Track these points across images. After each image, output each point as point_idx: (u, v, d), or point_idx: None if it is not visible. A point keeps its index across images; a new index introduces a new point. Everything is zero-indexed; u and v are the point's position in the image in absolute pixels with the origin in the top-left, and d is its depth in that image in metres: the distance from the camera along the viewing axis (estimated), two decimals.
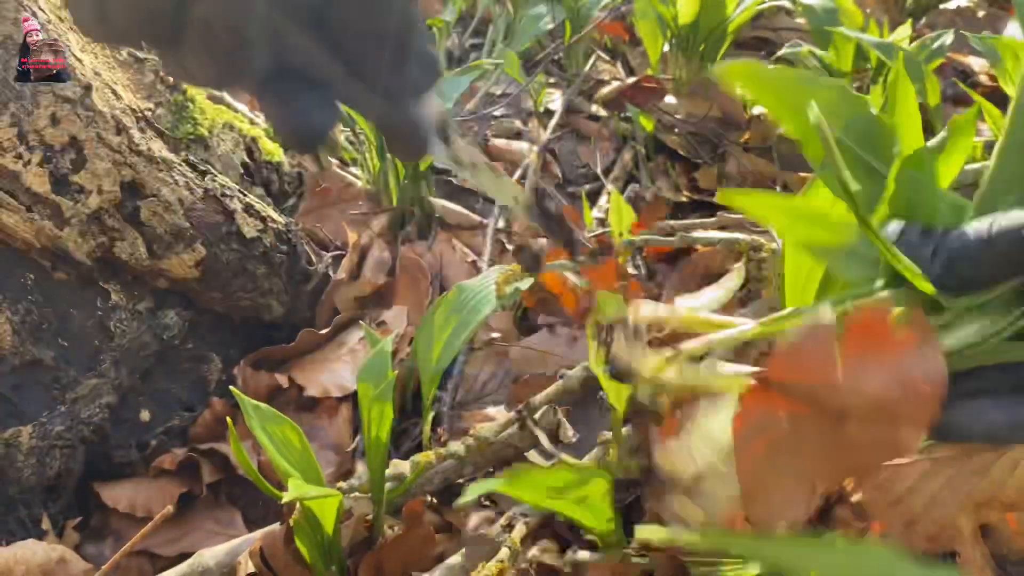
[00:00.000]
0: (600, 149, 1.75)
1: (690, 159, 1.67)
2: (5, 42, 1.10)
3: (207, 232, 1.20)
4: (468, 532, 0.90)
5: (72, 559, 0.96)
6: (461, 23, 2.43)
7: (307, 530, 0.80)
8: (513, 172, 1.67)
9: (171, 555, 1.02)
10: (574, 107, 1.92)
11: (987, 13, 2.28)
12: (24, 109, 1.10)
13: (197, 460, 1.13)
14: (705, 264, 1.27)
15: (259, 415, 0.81)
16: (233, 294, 1.23)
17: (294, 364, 1.27)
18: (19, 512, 1.05)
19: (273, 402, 1.22)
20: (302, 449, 0.82)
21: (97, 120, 1.13)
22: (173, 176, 1.19)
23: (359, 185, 1.65)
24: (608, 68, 2.14)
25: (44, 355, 1.10)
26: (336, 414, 1.17)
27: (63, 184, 1.10)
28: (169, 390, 1.20)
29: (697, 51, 1.85)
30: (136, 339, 1.16)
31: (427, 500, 0.95)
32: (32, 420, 1.07)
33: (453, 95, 1.51)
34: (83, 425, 1.08)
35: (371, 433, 0.84)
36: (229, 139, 1.49)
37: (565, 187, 1.67)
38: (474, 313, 1.02)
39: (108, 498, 1.09)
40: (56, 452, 1.06)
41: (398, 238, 1.53)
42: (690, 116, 1.78)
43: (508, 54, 1.76)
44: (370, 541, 0.88)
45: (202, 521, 1.08)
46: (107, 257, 1.14)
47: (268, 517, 1.09)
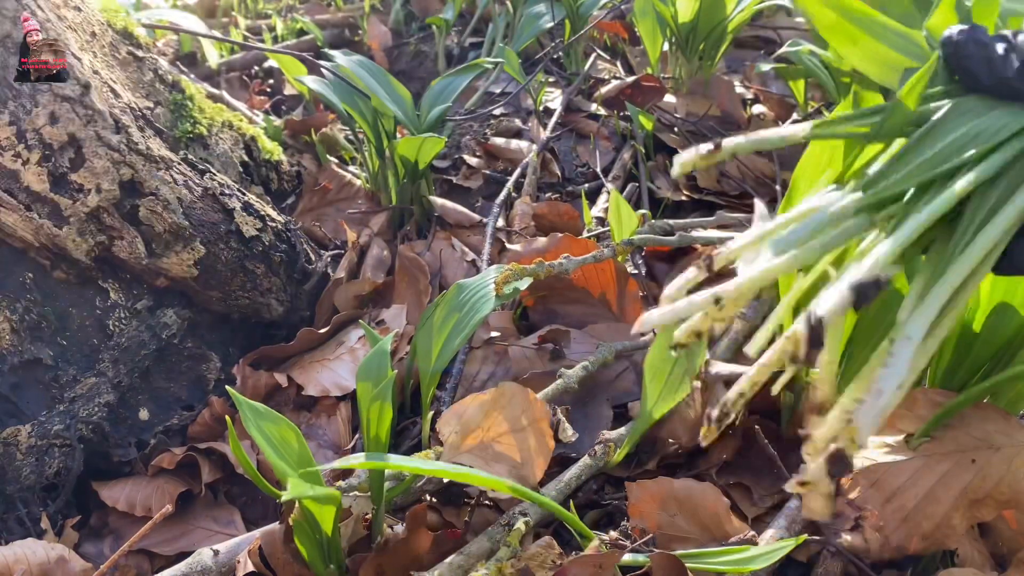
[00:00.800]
0: (600, 148, 1.75)
1: None
2: (4, 40, 1.10)
3: (206, 231, 1.20)
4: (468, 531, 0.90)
5: (71, 558, 0.96)
6: (461, 21, 2.43)
7: (306, 529, 0.80)
8: (513, 171, 1.67)
9: (170, 554, 1.02)
10: (574, 106, 1.92)
11: None
12: (23, 107, 1.10)
13: (196, 459, 1.13)
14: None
15: (256, 415, 0.81)
16: (232, 293, 1.23)
17: (293, 363, 1.27)
18: (18, 511, 1.05)
19: (272, 401, 1.22)
20: (300, 449, 0.82)
21: (96, 119, 1.13)
22: (172, 175, 1.19)
23: (358, 184, 1.65)
24: (608, 67, 2.14)
25: (43, 354, 1.10)
26: (335, 413, 1.17)
27: (62, 182, 1.10)
28: (168, 389, 1.20)
29: (696, 50, 1.85)
30: (135, 338, 1.16)
31: (427, 500, 0.95)
32: (31, 419, 1.07)
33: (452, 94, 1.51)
34: (82, 424, 1.08)
35: (370, 432, 0.84)
36: (228, 138, 1.49)
37: (565, 186, 1.66)
38: (473, 312, 1.02)
39: (107, 497, 1.08)
40: (55, 451, 1.06)
41: (397, 237, 1.53)
42: (689, 115, 1.78)
43: (508, 53, 1.76)
44: (369, 540, 0.88)
45: (201, 520, 1.08)
46: (106, 256, 1.14)
47: (267, 516, 1.09)
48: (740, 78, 2.04)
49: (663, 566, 0.75)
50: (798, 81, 1.70)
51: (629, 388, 1.10)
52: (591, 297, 1.25)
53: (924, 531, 0.72)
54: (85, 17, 1.28)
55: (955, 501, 0.71)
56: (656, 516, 0.84)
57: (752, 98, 1.93)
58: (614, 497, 0.94)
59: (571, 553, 0.81)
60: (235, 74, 2.26)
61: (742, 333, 1.08)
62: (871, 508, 0.75)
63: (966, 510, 0.71)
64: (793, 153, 1.65)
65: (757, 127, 1.71)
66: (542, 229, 1.46)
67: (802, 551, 0.80)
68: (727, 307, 0.51)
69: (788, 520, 0.80)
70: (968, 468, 0.71)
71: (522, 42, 2.02)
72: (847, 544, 0.76)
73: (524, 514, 0.85)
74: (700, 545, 0.81)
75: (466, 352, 1.19)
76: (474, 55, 2.27)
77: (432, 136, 1.35)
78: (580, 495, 0.95)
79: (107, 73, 1.24)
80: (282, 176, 1.62)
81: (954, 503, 0.71)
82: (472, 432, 0.91)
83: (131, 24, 1.44)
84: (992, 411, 0.73)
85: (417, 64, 2.29)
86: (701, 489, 0.85)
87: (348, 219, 1.57)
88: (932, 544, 0.72)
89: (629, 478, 0.94)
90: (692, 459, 0.97)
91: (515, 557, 0.79)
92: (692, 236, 1.29)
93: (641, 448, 0.99)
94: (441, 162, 1.77)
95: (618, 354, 1.11)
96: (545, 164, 1.71)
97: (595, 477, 0.96)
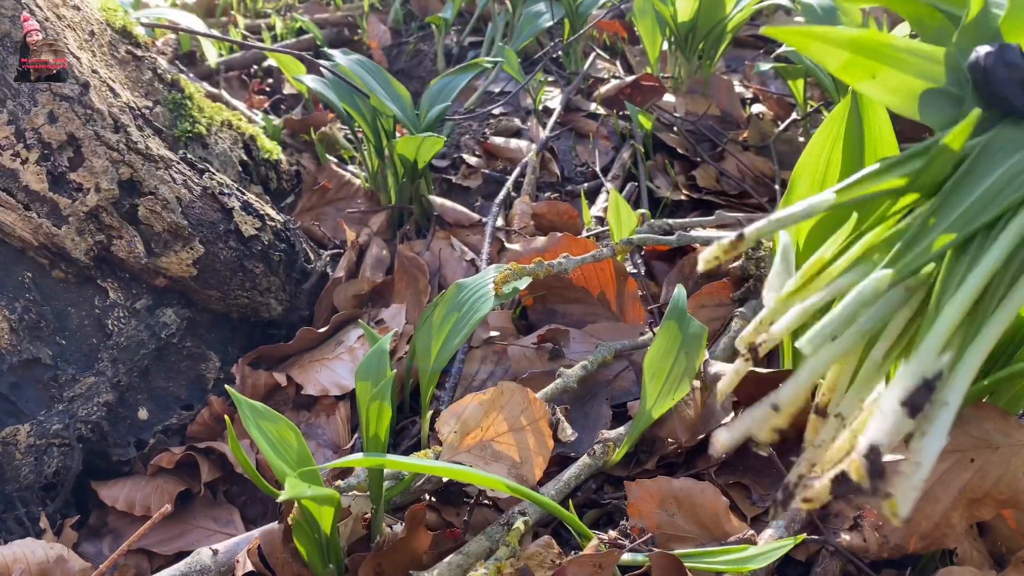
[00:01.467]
0: (599, 147, 1.75)
1: (689, 157, 1.67)
2: (3, 40, 1.10)
3: (205, 230, 1.20)
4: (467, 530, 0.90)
5: (70, 557, 0.96)
6: (460, 20, 2.43)
7: (305, 528, 0.80)
8: (512, 170, 1.66)
9: (169, 553, 1.02)
10: (573, 105, 1.92)
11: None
12: (22, 107, 1.10)
13: (195, 458, 1.13)
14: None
15: (255, 414, 0.81)
16: (231, 292, 1.23)
17: (292, 362, 1.27)
18: (17, 510, 1.05)
19: (271, 400, 1.22)
20: (299, 448, 0.82)
21: (95, 118, 1.13)
22: (171, 174, 1.19)
23: (357, 183, 1.65)
24: (607, 66, 2.14)
25: (42, 353, 1.10)
26: (334, 412, 1.17)
27: (61, 182, 1.10)
28: (167, 388, 1.20)
29: (696, 49, 1.85)
30: (134, 337, 1.15)
31: (426, 499, 0.95)
32: (30, 418, 1.07)
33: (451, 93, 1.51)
34: (81, 423, 1.08)
35: (369, 431, 0.84)
36: (227, 137, 1.49)
37: (564, 185, 1.66)
38: (472, 311, 1.02)
39: (106, 496, 1.08)
40: (54, 450, 1.06)
41: (396, 236, 1.53)
42: (689, 114, 1.78)
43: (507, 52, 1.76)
44: (368, 539, 0.88)
45: (200, 519, 1.08)
46: (105, 255, 1.14)
47: (266, 515, 1.09)
48: (739, 77, 2.04)
49: (662, 565, 0.75)
50: (797, 80, 1.71)
51: (628, 387, 1.10)
52: (590, 296, 1.25)
53: (923, 530, 0.72)
54: (84, 16, 1.28)
55: (954, 500, 0.71)
56: (655, 515, 0.84)
57: (751, 97, 1.93)
58: (613, 496, 0.94)
59: (570, 553, 0.81)
60: (234, 73, 2.26)
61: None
62: (870, 508, 0.75)
63: (965, 509, 0.71)
64: (792, 152, 1.65)
65: (756, 126, 1.71)
66: (541, 228, 1.46)
67: (801, 550, 0.80)
68: (785, 410, 0.48)
69: (787, 520, 0.80)
70: (967, 467, 0.71)
71: (521, 41, 2.02)
72: (846, 543, 0.76)
73: (523, 513, 0.85)
74: (699, 544, 0.81)
75: (465, 351, 1.19)
76: (473, 54, 2.27)
77: (431, 135, 1.35)
78: (579, 494, 0.95)
79: (106, 72, 1.24)
80: (281, 175, 1.62)
81: (953, 502, 0.71)
82: (471, 431, 0.91)
83: (130, 23, 1.43)
84: (991, 410, 0.73)
85: (416, 63, 2.29)
86: (700, 488, 0.85)
87: (347, 218, 1.57)
88: (931, 543, 0.72)
89: (628, 477, 0.94)
90: (691, 459, 0.97)
91: (514, 556, 0.79)
92: (691, 235, 1.29)
93: (640, 447, 0.99)
94: (440, 161, 1.77)
95: (617, 353, 1.11)
96: (544, 163, 1.71)
97: (594, 476, 0.96)
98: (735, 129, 1.76)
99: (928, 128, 0.59)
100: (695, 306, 1.18)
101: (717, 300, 1.20)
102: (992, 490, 0.70)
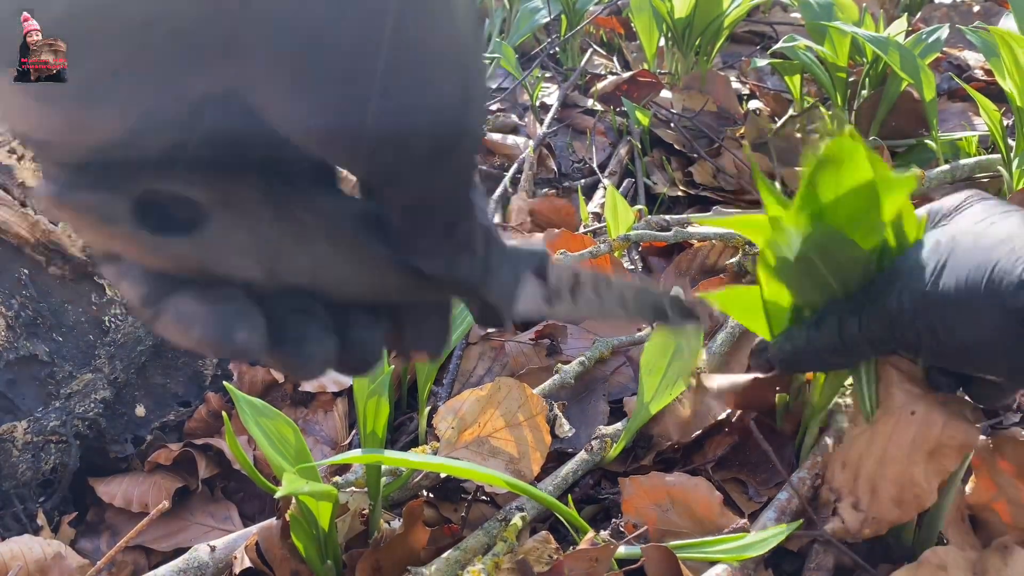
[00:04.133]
0: (596, 143, 1.75)
1: (686, 153, 1.67)
2: None
3: None
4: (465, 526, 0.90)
5: (68, 554, 0.96)
6: None
7: (303, 525, 0.80)
8: (509, 166, 1.66)
9: (167, 550, 1.02)
10: (570, 101, 1.92)
11: (982, 8, 2.28)
12: None
13: (193, 455, 1.13)
14: (702, 259, 1.28)
15: (253, 410, 0.81)
16: None
17: None
18: (15, 507, 1.05)
19: (268, 397, 1.22)
20: (297, 444, 0.82)
21: None
22: None
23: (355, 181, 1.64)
24: (604, 62, 2.14)
25: (39, 350, 1.10)
26: (332, 409, 1.17)
27: None
28: (165, 385, 1.20)
29: (693, 45, 1.85)
30: (131, 334, 1.15)
31: (424, 495, 0.96)
32: (27, 415, 1.07)
33: None
34: (78, 420, 1.08)
35: (367, 428, 0.84)
36: None
37: (561, 181, 1.66)
38: None
39: (103, 493, 1.08)
40: (51, 447, 1.06)
41: None
42: (686, 110, 1.78)
43: (504, 48, 1.76)
44: (366, 535, 0.88)
45: (198, 516, 1.08)
46: None
47: (264, 512, 1.09)
48: (736, 73, 2.04)
49: (654, 557, 0.75)
50: (794, 76, 1.71)
51: (625, 383, 1.10)
52: None
53: (893, 495, 0.71)
54: None
55: (908, 456, 0.71)
56: (650, 511, 0.85)
57: (748, 93, 1.94)
58: (611, 492, 0.95)
59: (568, 548, 0.81)
60: None
61: (739, 329, 1.08)
62: (846, 489, 0.75)
63: (926, 464, 0.70)
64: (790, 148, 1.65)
65: (753, 122, 1.71)
66: (538, 225, 1.46)
67: (794, 542, 0.80)
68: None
69: (777, 512, 0.80)
70: (910, 421, 0.71)
71: (518, 37, 2.01)
72: (832, 530, 0.76)
73: (521, 509, 0.85)
74: (694, 539, 0.82)
75: (463, 347, 1.19)
76: None
77: None
78: (577, 490, 0.95)
79: None
80: None
81: (908, 458, 0.71)
82: (469, 427, 0.91)
83: None
84: (907, 364, 0.73)
85: None
86: (694, 484, 0.85)
87: None
88: (909, 507, 0.71)
89: (625, 473, 0.94)
90: (688, 455, 0.97)
91: (511, 552, 0.79)
92: (688, 231, 1.29)
93: (638, 443, 0.99)
94: None
95: (614, 349, 1.11)
96: (542, 159, 1.71)
97: (592, 472, 0.96)
98: (732, 125, 1.76)
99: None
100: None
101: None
102: (942, 436, 0.70)
